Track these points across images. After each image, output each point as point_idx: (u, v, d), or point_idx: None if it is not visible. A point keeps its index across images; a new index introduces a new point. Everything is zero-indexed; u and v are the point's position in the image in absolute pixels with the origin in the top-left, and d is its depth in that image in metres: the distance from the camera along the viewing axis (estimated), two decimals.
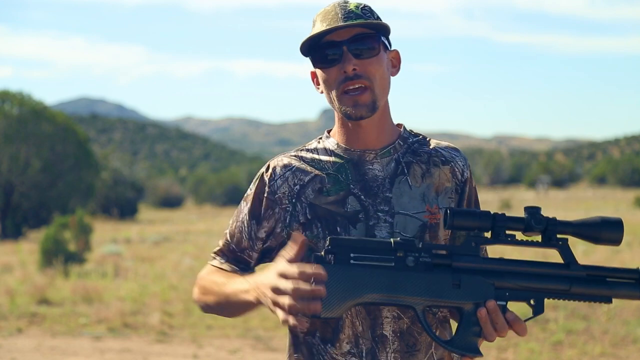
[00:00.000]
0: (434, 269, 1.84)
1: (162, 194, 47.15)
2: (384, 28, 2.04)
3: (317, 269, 1.73)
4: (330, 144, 2.11)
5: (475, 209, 2.12)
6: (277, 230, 2.08)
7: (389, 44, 2.09)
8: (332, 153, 2.09)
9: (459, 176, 2.11)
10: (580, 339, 7.93)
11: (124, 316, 9.44)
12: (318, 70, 2.07)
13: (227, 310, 2.04)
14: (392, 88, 2.11)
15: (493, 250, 2.34)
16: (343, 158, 2.08)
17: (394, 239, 1.85)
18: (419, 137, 2.15)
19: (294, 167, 2.08)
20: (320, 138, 2.16)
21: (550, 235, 1.85)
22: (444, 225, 1.89)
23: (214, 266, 2.13)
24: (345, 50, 2.00)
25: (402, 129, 2.15)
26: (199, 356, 7.67)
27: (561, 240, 1.87)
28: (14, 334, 8.73)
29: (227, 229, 2.15)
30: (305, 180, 2.06)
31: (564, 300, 1.86)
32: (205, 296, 2.08)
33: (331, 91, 2.04)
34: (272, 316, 8.12)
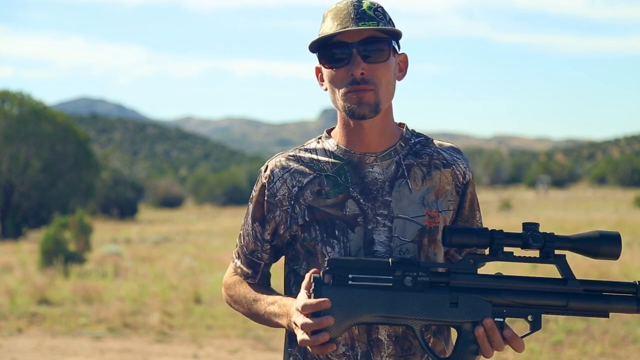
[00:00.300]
0: (432, 288, 1.86)
1: (162, 194, 47.11)
2: (396, 33, 2.02)
3: (322, 301, 1.83)
4: (329, 144, 2.09)
5: (473, 226, 2.11)
6: (280, 231, 2.08)
7: (398, 46, 2.06)
8: (332, 154, 2.07)
9: (460, 179, 2.10)
10: (580, 339, 7.93)
11: (124, 316, 9.43)
12: (324, 69, 2.04)
13: (256, 321, 2.13)
14: None
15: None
16: (342, 160, 2.06)
17: (392, 259, 1.87)
18: (421, 138, 2.12)
19: (292, 169, 2.07)
20: (319, 138, 2.13)
21: (548, 252, 1.87)
22: (442, 244, 1.90)
23: (238, 268, 2.17)
24: (355, 52, 1.98)
25: (404, 129, 2.12)
26: (199, 356, 7.67)
27: (559, 256, 1.88)
28: (14, 334, 8.73)
29: (241, 229, 2.18)
30: (304, 182, 2.05)
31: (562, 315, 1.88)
32: (236, 304, 2.17)
33: (336, 90, 2.02)
34: None
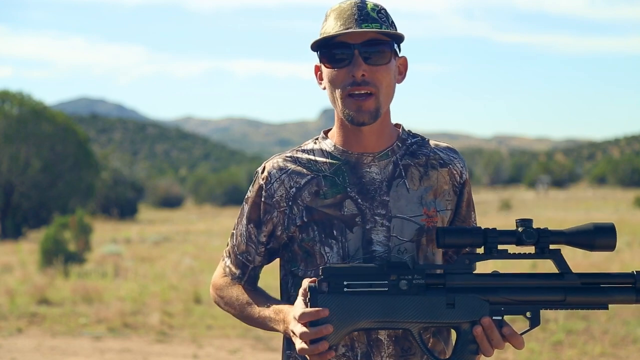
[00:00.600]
0: (427, 290, 1.85)
1: (162, 194, 47.10)
2: (398, 37, 2.02)
3: (320, 310, 1.82)
4: (327, 145, 2.09)
5: (466, 226, 2.11)
6: (277, 233, 2.08)
7: (399, 50, 2.06)
8: (329, 155, 2.07)
9: (457, 178, 2.10)
10: (580, 339, 7.93)
11: (123, 316, 9.43)
12: (324, 68, 2.04)
13: (248, 324, 2.11)
14: None
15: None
16: (340, 160, 2.06)
17: (386, 263, 1.87)
18: (418, 138, 2.13)
19: (289, 170, 2.06)
20: (316, 139, 2.13)
21: (543, 247, 1.87)
22: (436, 245, 1.90)
23: (227, 267, 2.15)
24: (357, 53, 1.97)
25: (401, 130, 2.12)
26: (199, 356, 7.67)
27: (554, 251, 1.88)
28: (14, 334, 8.73)
29: (233, 229, 2.16)
30: (302, 182, 2.05)
31: (561, 310, 1.87)
32: (226, 306, 2.14)
33: (335, 91, 2.02)
34: None
